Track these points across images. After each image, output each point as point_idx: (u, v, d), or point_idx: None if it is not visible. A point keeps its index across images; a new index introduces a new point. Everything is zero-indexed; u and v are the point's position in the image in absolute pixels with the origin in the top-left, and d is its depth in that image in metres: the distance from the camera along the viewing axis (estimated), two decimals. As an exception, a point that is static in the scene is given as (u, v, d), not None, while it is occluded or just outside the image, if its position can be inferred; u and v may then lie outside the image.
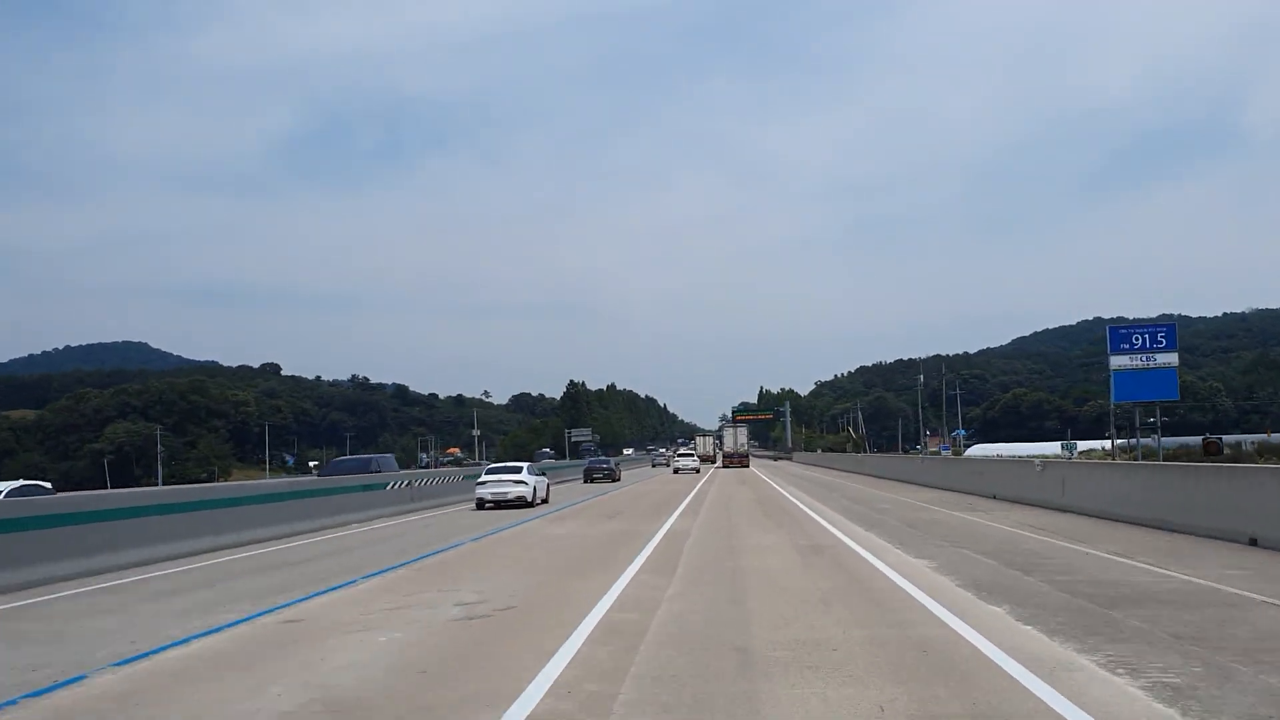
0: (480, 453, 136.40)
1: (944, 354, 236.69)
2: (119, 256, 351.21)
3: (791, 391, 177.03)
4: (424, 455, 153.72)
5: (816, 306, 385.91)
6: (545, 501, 28.66)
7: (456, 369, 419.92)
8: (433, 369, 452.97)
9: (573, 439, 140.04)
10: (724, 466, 70.96)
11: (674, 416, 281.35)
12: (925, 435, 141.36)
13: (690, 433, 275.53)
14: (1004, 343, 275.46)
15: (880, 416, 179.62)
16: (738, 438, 75.50)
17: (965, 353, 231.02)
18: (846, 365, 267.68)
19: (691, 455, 67.80)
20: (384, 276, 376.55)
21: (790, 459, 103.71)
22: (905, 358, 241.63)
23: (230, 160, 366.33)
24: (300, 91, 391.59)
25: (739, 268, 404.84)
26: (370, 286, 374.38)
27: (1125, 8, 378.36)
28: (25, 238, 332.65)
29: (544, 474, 31.42)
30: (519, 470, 28.09)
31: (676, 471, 60.68)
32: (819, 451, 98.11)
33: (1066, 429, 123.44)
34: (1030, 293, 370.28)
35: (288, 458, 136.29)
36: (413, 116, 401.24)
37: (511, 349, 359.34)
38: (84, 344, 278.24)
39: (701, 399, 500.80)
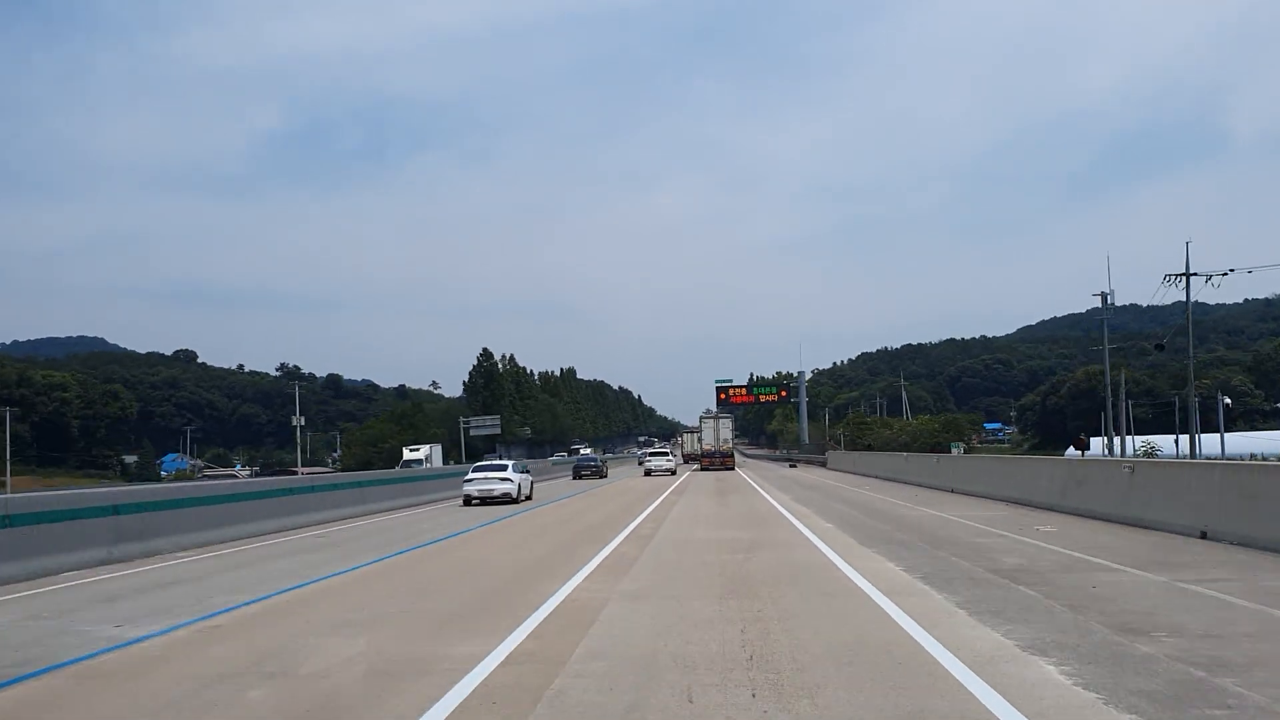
0: (305, 455, 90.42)
1: (957, 338, 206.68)
2: (96, 256, 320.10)
3: (790, 375, 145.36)
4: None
5: (808, 306, 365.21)
6: (529, 498, 29.91)
7: (435, 371, 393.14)
8: (407, 370, 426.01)
9: (472, 430, 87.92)
10: (701, 468, 60.49)
11: (651, 411, 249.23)
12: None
13: (670, 430, 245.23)
14: (1009, 331, 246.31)
15: (894, 407, 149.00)
16: (719, 431, 62.38)
17: (983, 336, 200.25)
18: (842, 358, 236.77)
19: (665, 454, 59.02)
20: (364, 276, 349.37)
21: (824, 464, 63.18)
22: (914, 342, 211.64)
23: (212, 161, 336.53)
24: (284, 92, 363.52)
25: (726, 268, 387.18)
26: (350, 286, 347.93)
27: (1109, 11, 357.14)
28: (4, 236, 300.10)
29: (527, 471, 32.03)
30: (504, 469, 29.18)
31: (649, 474, 53.60)
32: (914, 453, 43.57)
33: (1158, 417, 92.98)
34: (1025, 288, 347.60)
35: (129, 458, 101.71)
36: (398, 117, 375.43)
37: (494, 349, 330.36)
38: (35, 338, 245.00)
39: (688, 399, 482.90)
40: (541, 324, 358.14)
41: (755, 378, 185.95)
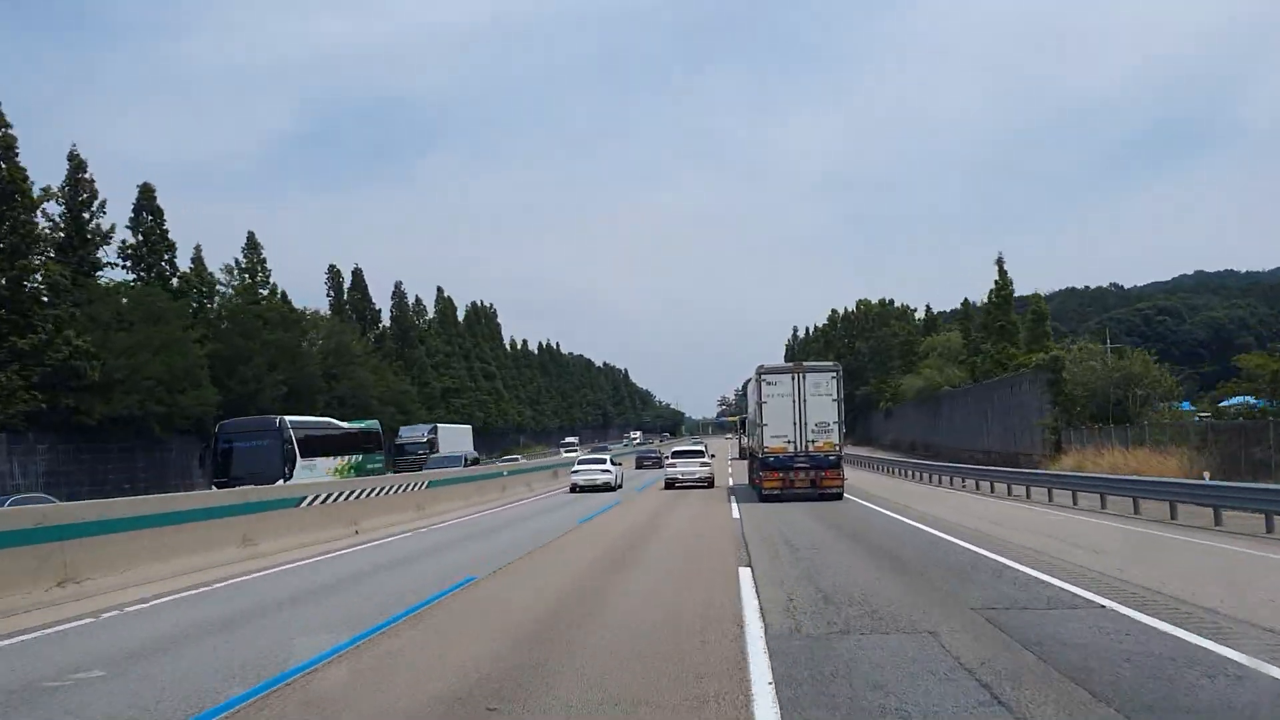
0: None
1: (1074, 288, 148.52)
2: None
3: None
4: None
5: (822, 300, 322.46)
6: (620, 487, 34.29)
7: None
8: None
9: None
10: (760, 493, 26.11)
11: (648, 394, 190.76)
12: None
13: (672, 421, 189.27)
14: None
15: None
16: (804, 403, 24.54)
17: (1116, 285, 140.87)
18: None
19: (700, 454, 35.96)
20: (371, 274, 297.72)
21: None
22: (1019, 293, 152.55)
23: (216, 160, 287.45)
24: (288, 91, 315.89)
25: (740, 264, 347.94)
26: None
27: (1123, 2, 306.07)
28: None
29: (619, 464, 37.83)
30: (604, 461, 35.34)
31: (671, 484, 33.88)
32: None
33: None
34: (1050, 267, 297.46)
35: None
36: (404, 116, 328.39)
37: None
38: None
39: (695, 397, 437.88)
40: (541, 322, 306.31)
41: (797, 340, 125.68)
